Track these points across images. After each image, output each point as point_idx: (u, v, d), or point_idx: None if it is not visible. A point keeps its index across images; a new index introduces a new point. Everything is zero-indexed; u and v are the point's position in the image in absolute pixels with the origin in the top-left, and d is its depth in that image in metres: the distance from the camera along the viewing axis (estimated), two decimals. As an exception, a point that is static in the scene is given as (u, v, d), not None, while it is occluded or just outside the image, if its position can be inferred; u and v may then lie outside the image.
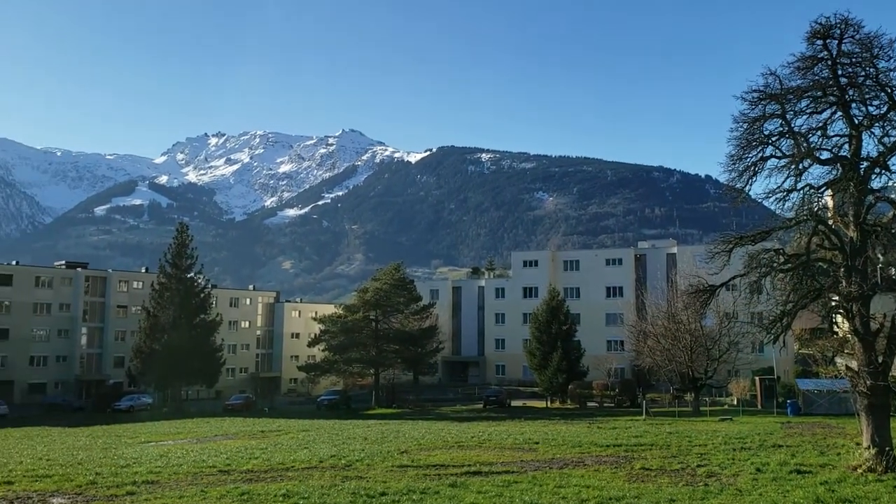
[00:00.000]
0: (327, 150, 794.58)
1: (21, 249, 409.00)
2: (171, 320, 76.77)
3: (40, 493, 21.16)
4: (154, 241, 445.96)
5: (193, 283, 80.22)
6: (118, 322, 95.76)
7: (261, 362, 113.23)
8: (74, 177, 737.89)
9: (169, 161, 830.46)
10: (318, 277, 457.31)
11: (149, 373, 76.37)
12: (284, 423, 53.09)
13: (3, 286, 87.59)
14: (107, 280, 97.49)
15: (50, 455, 32.43)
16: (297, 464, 26.17)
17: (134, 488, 21.43)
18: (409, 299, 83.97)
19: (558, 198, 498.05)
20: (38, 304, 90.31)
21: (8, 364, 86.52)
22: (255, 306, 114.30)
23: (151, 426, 54.72)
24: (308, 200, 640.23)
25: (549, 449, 29.98)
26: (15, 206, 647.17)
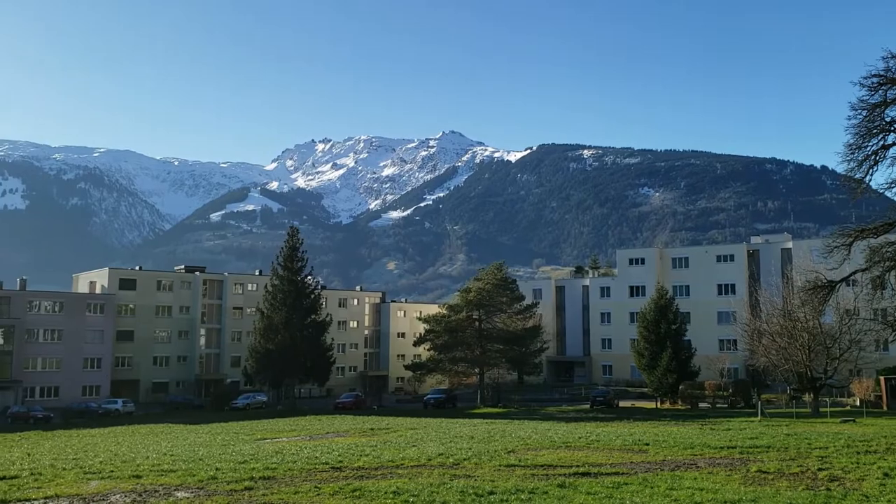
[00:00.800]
0: (428, 153, 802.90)
1: (143, 255, 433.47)
2: (283, 321, 79.26)
3: (166, 487, 22.29)
4: (266, 244, 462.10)
5: (304, 285, 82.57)
6: (234, 323, 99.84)
7: (369, 361, 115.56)
8: (191, 185, 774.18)
9: (279, 168, 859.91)
10: (422, 278, 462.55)
11: (263, 372, 79.09)
12: (393, 421, 53.98)
13: (127, 290, 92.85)
14: (223, 283, 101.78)
15: (174, 451, 34.12)
16: (406, 461, 26.54)
17: (251, 483, 22.26)
18: (511, 299, 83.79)
19: (665, 193, 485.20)
20: (160, 306, 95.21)
21: (133, 364, 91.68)
22: (362, 307, 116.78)
23: (267, 423, 56.68)
24: (410, 202, 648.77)
25: (660, 450, 29.27)
26: (137, 214, 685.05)
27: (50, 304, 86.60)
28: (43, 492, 21.94)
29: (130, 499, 20.40)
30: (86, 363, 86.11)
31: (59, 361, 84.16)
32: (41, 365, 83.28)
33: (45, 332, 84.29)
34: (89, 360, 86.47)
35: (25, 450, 39.46)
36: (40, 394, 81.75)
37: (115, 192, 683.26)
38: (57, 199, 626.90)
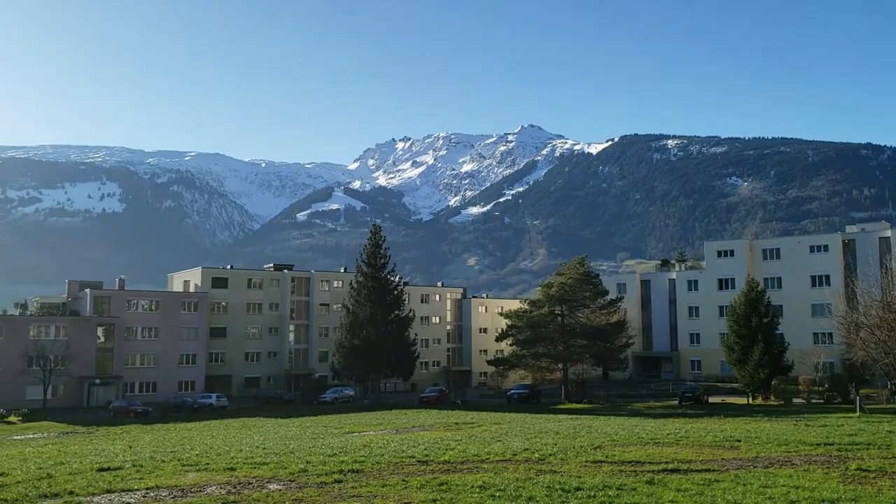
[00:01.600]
0: (507, 147, 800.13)
1: (234, 254, 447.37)
2: (368, 316, 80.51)
3: (259, 479, 22.98)
4: (350, 242, 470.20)
5: (387, 281, 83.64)
6: (321, 319, 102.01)
7: (451, 356, 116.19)
8: (278, 186, 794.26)
9: (361, 167, 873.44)
10: (502, 273, 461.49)
11: (350, 366, 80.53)
12: (477, 416, 54.13)
13: (220, 289, 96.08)
14: (310, 280, 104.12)
15: (265, 444, 35.13)
16: (491, 456, 26.58)
17: (341, 476, 22.71)
18: (594, 294, 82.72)
19: (754, 182, 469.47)
20: (251, 304, 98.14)
21: (226, 360, 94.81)
22: (443, 302, 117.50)
23: (354, 417, 57.73)
24: (490, 198, 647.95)
25: (753, 447, 28.41)
26: (227, 215, 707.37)
27: (147, 302, 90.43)
28: (144, 483, 22.93)
29: (225, 490, 21.10)
30: (181, 359, 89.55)
31: (157, 358, 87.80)
32: (140, 361, 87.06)
33: (143, 329, 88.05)
34: (184, 357, 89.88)
35: (127, 442, 41.36)
36: (139, 389, 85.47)
37: (206, 193, 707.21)
38: (152, 202, 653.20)
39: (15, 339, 77.94)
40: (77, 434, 51.99)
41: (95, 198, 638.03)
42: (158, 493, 21.04)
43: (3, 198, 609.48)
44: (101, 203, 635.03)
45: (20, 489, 22.53)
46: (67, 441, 45.53)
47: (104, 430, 54.50)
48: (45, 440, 47.42)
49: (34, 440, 47.73)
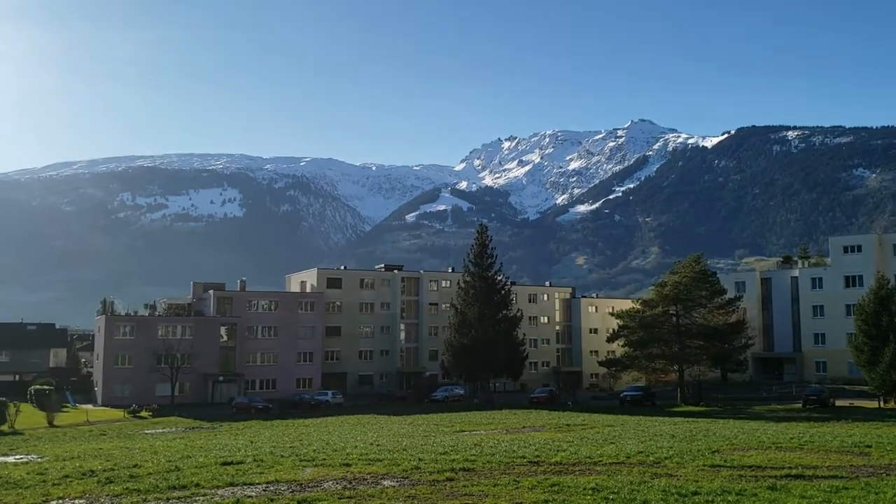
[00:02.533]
0: (616, 143, 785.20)
1: (347, 255, 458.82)
2: (476, 316, 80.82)
3: (373, 475, 23.47)
4: (457, 242, 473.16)
5: (495, 281, 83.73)
6: (430, 318, 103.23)
7: (561, 357, 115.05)
8: (388, 188, 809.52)
9: (467, 167, 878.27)
10: (613, 272, 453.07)
11: (459, 366, 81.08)
12: (588, 418, 53.41)
13: (335, 289, 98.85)
14: (419, 280, 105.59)
15: (379, 441, 35.85)
16: (604, 458, 26.16)
17: (452, 475, 22.87)
18: (711, 293, 79.93)
19: (883, 174, 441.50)
20: (363, 303, 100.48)
21: (342, 358, 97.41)
22: (552, 302, 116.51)
23: (464, 416, 58.08)
24: (599, 195, 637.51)
25: (885, 454, 26.72)
26: (341, 218, 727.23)
27: (266, 303, 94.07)
28: (264, 477, 23.84)
29: (341, 486, 21.65)
30: (299, 357, 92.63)
31: (276, 356, 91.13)
32: (260, 359, 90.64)
33: (262, 328, 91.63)
34: (302, 355, 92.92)
35: (248, 438, 43.14)
36: (260, 386, 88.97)
37: (320, 197, 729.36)
38: (270, 207, 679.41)
39: (146, 339, 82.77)
40: (202, 429, 54.68)
41: (217, 203, 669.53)
42: (278, 487, 21.81)
43: (133, 205, 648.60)
44: (222, 208, 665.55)
45: (151, 480, 23.88)
46: (193, 436, 47.94)
47: (227, 425, 57.04)
48: (173, 435, 50.08)
49: (163, 434, 50.49)
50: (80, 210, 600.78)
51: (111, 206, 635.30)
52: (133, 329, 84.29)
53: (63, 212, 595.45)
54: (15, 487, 23.79)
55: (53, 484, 24.20)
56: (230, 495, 20.65)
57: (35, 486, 23.83)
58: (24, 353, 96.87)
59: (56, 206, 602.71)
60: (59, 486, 23.86)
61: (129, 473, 25.86)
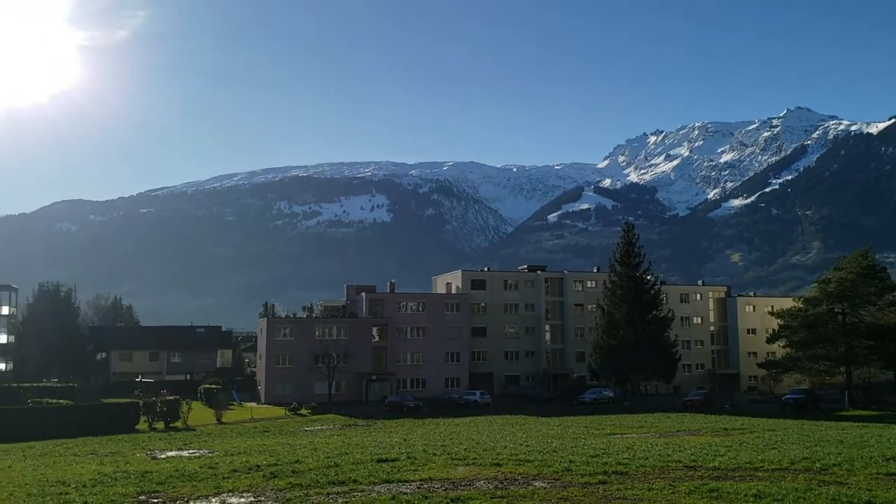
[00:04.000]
0: (771, 133, 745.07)
1: (489, 257, 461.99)
2: (624, 317, 79.15)
3: (524, 476, 23.48)
4: (602, 242, 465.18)
5: (643, 281, 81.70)
6: (576, 319, 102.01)
7: (716, 359, 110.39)
8: (529, 189, 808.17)
9: (611, 164, 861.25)
10: (770, 269, 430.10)
11: (607, 368, 79.70)
12: (747, 422, 51.03)
13: (479, 290, 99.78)
14: (563, 281, 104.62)
15: (528, 442, 35.83)
16: (765, 464, 24.90)
17: (605, 478, 22.52)
18: (881, 289, 74.28)
19: None
20: (508, 304, 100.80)
21: (488, 358, 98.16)
22: (705, 302, 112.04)
23: (615, 419, 56.99)
24: (754, 188, 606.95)
25: None
26: (483, 220, 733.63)
27: (415, 304, 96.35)
28: (418, 474, 24.41)
29: (493, 486, 21.81)
30: (446, 357, 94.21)
31: (424, 356, 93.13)
32: (410, 359, 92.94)
33: (411, 329, 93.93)
34: (449, 355, 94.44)
35: (402, 435, 44.33)
36: (410, 385, 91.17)
37: (463, 200, 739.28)
38: (415, 211, 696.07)
39: (304, 339, 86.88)
40: (357, 426, 56.71)
41: (367, 209, 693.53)
42: (431, 485, 22.26)
43: (290, 212, 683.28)
44: (371, 214, 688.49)
45: (312, 476, 25.03)
46: (350, 433, 49.82)
47: (381, 423, 58.86)
48: (330, 431, 52.26)
49: (322, 431, 52.78)
50: (241, 219, 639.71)
51: (269, 214, 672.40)
52: (292, 330, 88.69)
53: (225, 221, 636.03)
54: (190, 480, 25.63)
55: (223, 478, 25.86)
56: (386, 492, 21.29)
57: (207, 480, 25.57)
58: (194, 354, 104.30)
59: (219, 216, 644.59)
60: (228, 479, 25.48)
61: (291, 469, 27.24)
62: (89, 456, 37.07)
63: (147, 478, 26.51)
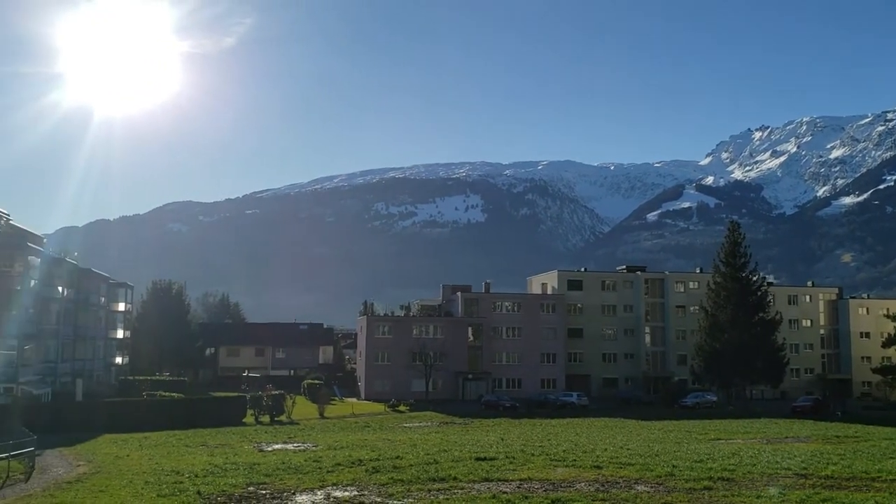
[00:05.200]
0: (886, 127, 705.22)
1: (586, 257, 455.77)
2: (729, 319, 76.81)
3: (626, 480, 23.18)
4: (704, 241, 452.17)
5: (748, 282, 79.13)
6: (677, 321, 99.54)
7: (827, 363, 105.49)
8: (627, 187, 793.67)
9: (714, 161, 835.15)
10: (885, 270, 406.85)
11: (711, 371, 77.53)
12: (861, 430, 48.60)
13: (575, 291, 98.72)
14: (664, 282, 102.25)
15: (629, 445, 35.27)
16: (883, 474, 23.73)
17: (710, 483, 22.01)
18: None
19: None
20: (605, 305, 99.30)
21: (584, 360, 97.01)
22: (815, 304, 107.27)
23: (719, 424, 55.36)
24: (867, 185, 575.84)
25: None
26: (578, 219, 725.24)
27: (510, 304, 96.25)
28: (517, 474, 24.47)
29: (594, 488, 21.65)
30: (542, 358, 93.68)
31: (520, 356, 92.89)
32: (505, 359, 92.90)
33: (506, 329, 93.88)
34: (545, 356, 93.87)
35: (499, 435, 44.41)
36: (506, 385, 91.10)
37: (558, 200, 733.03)
38: (509, 211, 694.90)
39: (402, 338, 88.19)
40: (454, 424, 57.14)
41: (461, 209, 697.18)
42: (531, 485, 22.29)
43: (387, 213, 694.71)
44: (466, 214, 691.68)
45: (413, 472, 25.46)
46: (447, 430, 50.27)
47: (478, 422, 59.11)
48: (428, 429, 52.86)
49: (420, 428, 53.46)
50: (341, 220, 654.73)
51: (367, 215, 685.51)
52: (390, 329, 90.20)
53: (326, 222, 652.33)
54: (295, 473, 26.53)
55: (327, 471, 26.65)
56: (486, 490, 21.45)
57: (312, 472, 26.40)
58: (297, 351, 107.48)
59: (320, 217, 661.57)
60: (332, 472, 26.24)
61: (392, 464, 27.79)
62: (200, 447, 38.83)
63: (255, 469, 27.60)
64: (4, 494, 24.33)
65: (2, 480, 26.98)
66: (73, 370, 68.41)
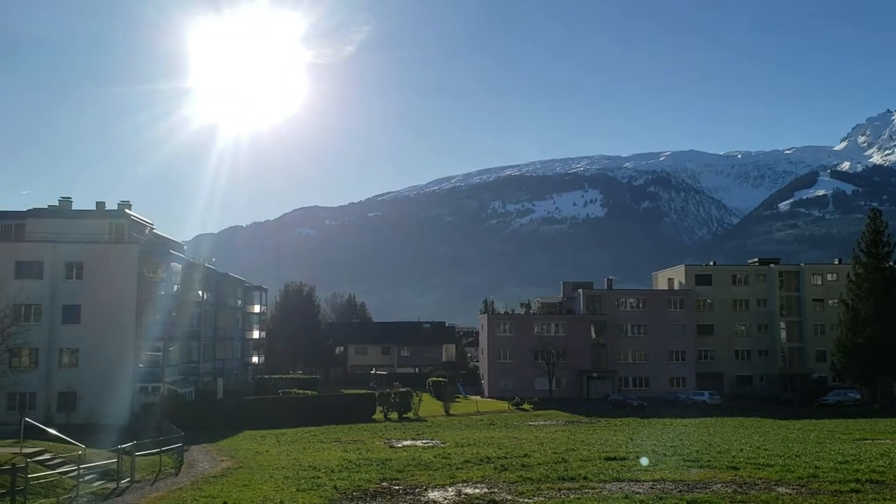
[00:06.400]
0: None
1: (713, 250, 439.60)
2: (871, 312, 72.36)
3: (765, 481, 22.31)
4: (841, 230, 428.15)
5: (893, 272, 74.28)
6: (815, 315, 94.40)
7: None
8: (755, 176, 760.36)
9: (850, 146, 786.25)
10: None
11: (853, 367, 73.29)
12: None
13: (703, 285, 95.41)
14: (799, 274, 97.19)
15: (766, 445, 33.87)
16: None
17: (858, 486, 20.92)
18: None
19: None
20: (737, 300, 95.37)
21: (715, 357, 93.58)
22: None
23: (863, 423, 52.34)
24: None
25: None
26: (704, 211, 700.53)
27: (634, 300, 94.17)
28: (650, 474, 24.03)
29: (731, 489, 20.97)
30: (670, 356, 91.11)
31: (646, 354, 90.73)
32: (631, 357, 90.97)
33: (631, 326, 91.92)
34: (673, 353, 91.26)
35: (627, 434, 43.63)
36: (632, 384, 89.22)
37: (682, 191, 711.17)
38: (630, 205, 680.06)
39: (523, 336, 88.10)
40: (580, 423, 56.56)
41: (580, 205, 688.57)
42: (665, 486, 21.84)
43: (504, 211, 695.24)
44: (584, 209, 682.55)
45: (541, 470, 25.49)
46: (573, 430, 49.83)
47: (604, 421, 58.28)
48: (554, 427, 52.58)
49: (545, 427, 53.25)
50: (459, 219, 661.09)
51: (484, 214, 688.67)
52: (512, 326, 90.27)
53: (444, 222, 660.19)
54: (426, 469, 27.11)
55: (457, 468, 27.08)
56: (618, 490, 21.21)
57: (442, 469, 26.90)
58: (421, 349, 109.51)
59: (439, 217, 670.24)
60: (461, 469, 26.63)
61: (520, 462, 27.91)
62: (334, 443, 40.31)
63: (387, 465, 28.41)
64: (158, 487, 26.16)
65: (155, 473, 29.04)
66: (213, 370, 72.43)
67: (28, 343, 51.89)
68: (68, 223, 60.38)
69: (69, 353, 55.62)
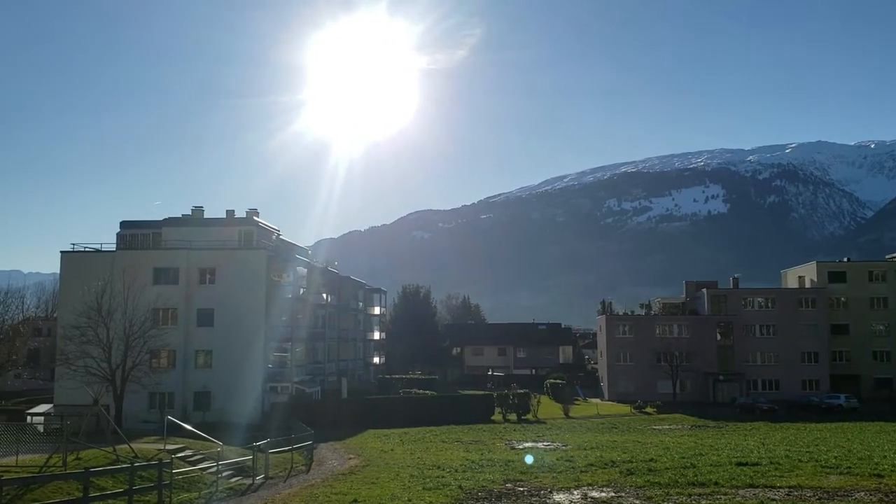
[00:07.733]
0: None
1: (846, 246, 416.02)
2: None
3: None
4: None
5: None
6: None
7: None
8: (891, 166, 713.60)
9: None
10: None
11: None
12: None
13: (837, 283, 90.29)
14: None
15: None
16: None
17: None
18: None
19: None
20: (874, 298, 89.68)
21: (852, 359, 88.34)
22: None
23: None
24: None
25: None
26: (835, 205, 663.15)
27: (762, 300, 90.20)
28: (785, 481, 23.03)
29: (876, 498, 19.86)
30: (802, 357, 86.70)
31: (776, 356, 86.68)
32: (760, 359, 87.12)
33: (759, 327, 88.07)
34: (805, 355, 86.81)
35: (759, 439, 41.93)
36: (762, 386, 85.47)
37: (810, 185, 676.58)
38: (755, 200, 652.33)
39: (644, 337, 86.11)
40: (707, 428, 54.74)
41: (700, 201, 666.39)
42: (802, 493, 20.92)
43: (619, 210, 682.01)
44: (705, 206, 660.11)
45: (669, 475, 24.88)
46: (700, 434, 48.33)
47: (732, 425, 56.20)
48: (679, 431, 51.15)
49: (670, 431, 51.88)
50: (572, 219, 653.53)
51: (599, 212, 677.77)
52: (631, 328, 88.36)
53: (557, 222, 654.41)
54: (550, 471, 27.01)
55: (581, 471, 26.83)
56: (752, 497, 20.48)
57: (566, 472, 26.71)
58: (537, 350, 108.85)
59: (552, 218, 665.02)
60: (585, 473, 26.37)
61: (647, 467, 27.34)
62: (455, 443, 40.76)
63: (510, 466, 28.50)
64: (291, 483, 27.28)
65: (287, 470, 30.28)
66: (337, 370, 74.70)
67: (166, 345, 55.04)
68: (201, 231, 63.53)
69: (203, 355, 58.56)
